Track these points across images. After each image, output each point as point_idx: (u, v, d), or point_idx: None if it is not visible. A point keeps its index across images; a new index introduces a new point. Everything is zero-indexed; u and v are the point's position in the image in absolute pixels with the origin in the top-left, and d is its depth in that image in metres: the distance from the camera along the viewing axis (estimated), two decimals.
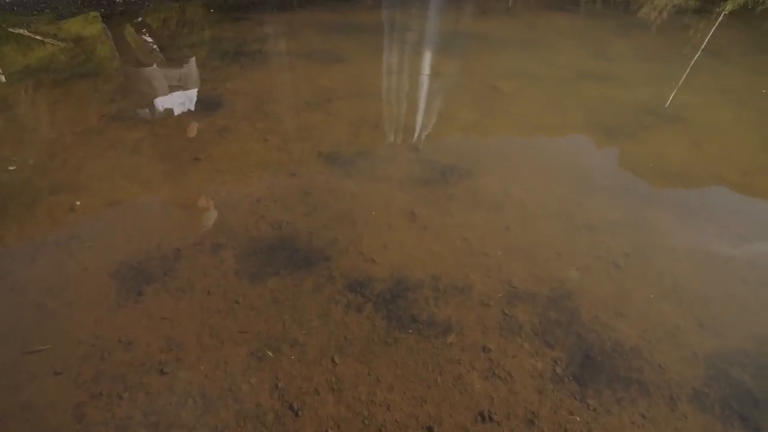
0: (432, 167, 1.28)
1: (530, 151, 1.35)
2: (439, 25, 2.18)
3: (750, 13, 2.62)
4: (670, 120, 1.54)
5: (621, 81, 1.77)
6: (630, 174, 1.29)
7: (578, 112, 1.53)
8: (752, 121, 1.58)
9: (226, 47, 1.97)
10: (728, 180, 1.29)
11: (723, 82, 1.79)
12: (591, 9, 2.33)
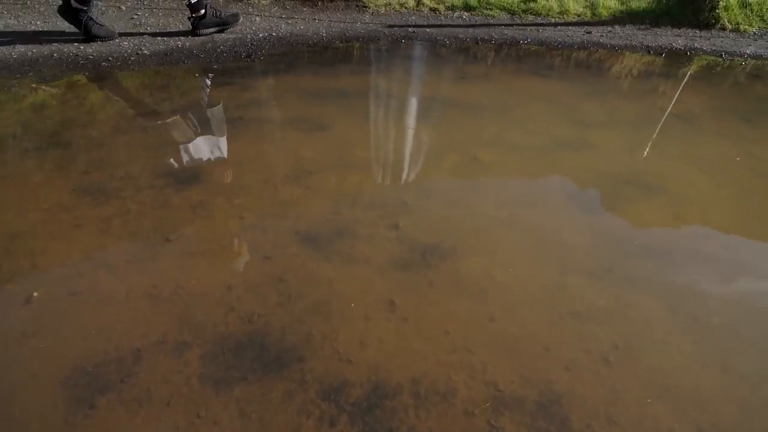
0: (413, 247, 1.25)
1: (512, 228, 1.33)
2: (420, 90, 2.23)
3: (711, 73, 2.75)
4: (650, 191, 1.54)
5: (598, 149, 1.79)
6: (613, 252, 1.26)
7: (558, 184, 1.53)
8: (729, 191, 1.59)
9: (206, 115, 1.97)
10: (712, 256, 1.28)
11: (697, 149, 1.83)
12: (564, 73, 2.42)
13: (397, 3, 3.49)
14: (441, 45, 2.96)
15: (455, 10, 3.47)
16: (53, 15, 3.35)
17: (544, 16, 3.49)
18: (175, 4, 3.48)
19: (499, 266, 1.19)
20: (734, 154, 1.80)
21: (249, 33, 3.03)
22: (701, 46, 3.24)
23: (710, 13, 3.59)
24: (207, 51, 2.73)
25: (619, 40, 3.23)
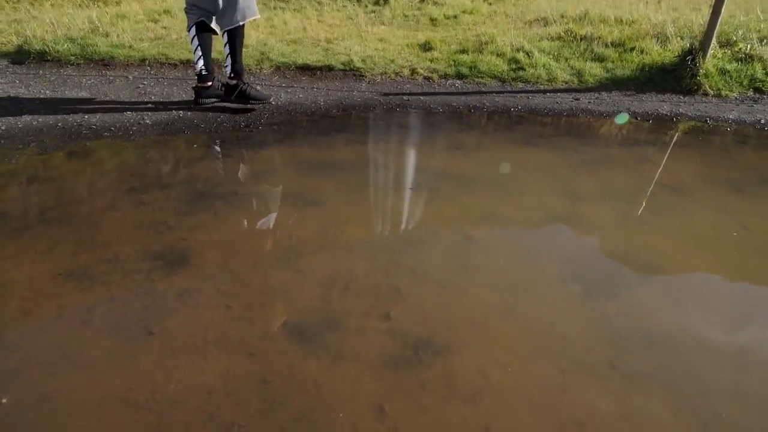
0: (404, 341, 1.20)
1: (507, 318, 1.28)
2: (414, 162, 2.26)
3: (698, 140, 2.81)
4: (647, 272, 1.51)
5: (592, 225, 1.79)
6: (614, 346, 1.21)
7: (552, 266, 1.50)
8: (729, 272, 1.57)
9: (202, 188, 1.98)
10: (716, 349, 1.23)
11: (692, 224, 1.82)
12: (555, 142, 2.47)
13: (392, 72, 3.65)
14: (435, 113, 3.05)
15: (448, 78, 3.62)
16: (62, 84, 3.49)
17: (533, 83, 3.64)
18: (180, 73, 3.64)
19: (495, 364, 1.14)
20: (730, 228, 1.79)
21: (248, 102, 3.13)
22: (686, 111, 3.35)
23: (692, 80, 3.75)
24: (207, 121, 2.81)
25: (607, 106, 3.34)
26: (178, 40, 4.19)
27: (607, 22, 5.42)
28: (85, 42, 3.97)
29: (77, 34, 4.18)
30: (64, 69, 3.76)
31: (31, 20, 5.97)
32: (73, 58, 3.84)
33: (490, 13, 6.53)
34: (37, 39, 4.08)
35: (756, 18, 5.27)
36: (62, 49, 3.89)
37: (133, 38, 4.20)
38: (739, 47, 4.30)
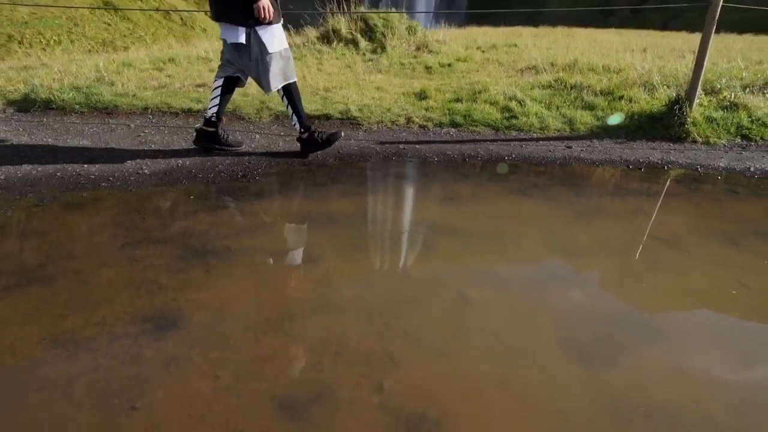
0: (397, 417, 1.15)
1: (503, 389, 1.24)
2: (409, 216, 2.27)
3: (690, 189, 2.84)
4: (646, 336, 1.48)
5: (588, 282, 1.77)
6: (615, 421, 1.17)
7: (550, 329, 1.47)
8: (729, 334, 1.54)
9: (196, 244, 1.97)
10: (720, 423, 1.18)
11: (689, 281, 1.81)
12: (549, 193, 2.49)
13: (389, 120, 3.74)
14: (430, 162, 3.10)
15: (443, 126, 3.71)
16: (65, 132, 3.56)
17: (526, 131, 3.72)
18: (181, 122, 3.72)
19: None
20: (728, 285, 1.78)
21: (248, 150, 3.19)
22: (677, 159, 3.41)
23: (680, 128, 3.85)
24: (205, 170, 2.85)
25: (599, 154, 3.41)
26: (181, 89, 4.32)
27: (595, 71, 5.63)
28: (90, 91, 4.09)
29: (83, 83, 4.31)
30: (67, 117, 3.85)
31: (40, 68, 6.18)
32: (78, 107, 3.94)
33: (483, 61, 6.79)
34: (44, 88, 4.20)
35: (737, 66, 5.49)
36: (67, 97, 4.00)
37: (137, 87, 4.33)
38: (723, 95, 4.44)
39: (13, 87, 4.50)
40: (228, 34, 2.73)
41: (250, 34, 2.69)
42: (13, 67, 6.74)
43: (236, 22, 2.67)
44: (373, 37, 7.72)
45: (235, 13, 2.64)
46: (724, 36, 16.79)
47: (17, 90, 4.42)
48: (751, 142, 3.89)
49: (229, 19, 2.68)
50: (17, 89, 4.45)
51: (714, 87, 4.84)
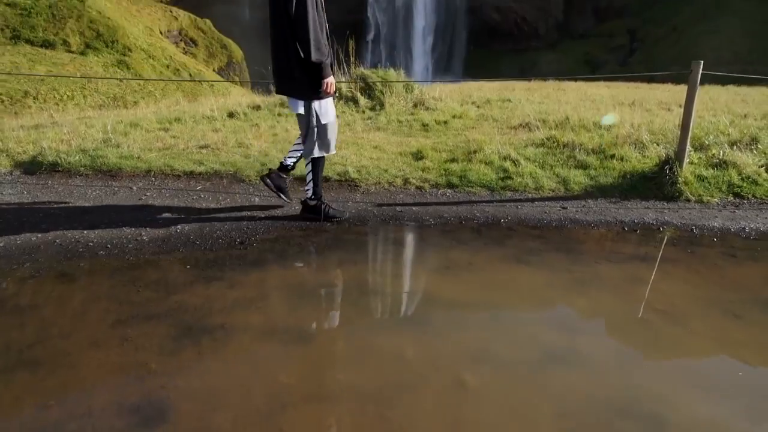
0: None
1: None
2: (405, 287, 2.26)
3: (687, 253, 2.84)
4: (650, 426, 1.43)
5: (588, 364, 1.73)
6: None
7: (548, 417, 1.42)
8: (738, 420, 1.48)
9: (189, 320, 1.95)
10: None
11: (692, 361, 1.77)
12: (545, 259, 2.50)
13: (386, 182, 3.82)
14: (427, 225, 3.13)
15: (439, 187, 3.78)
16: (68, 195, 3.63)
17: (521, 191, 3.79)
18: (182, 184, 3.80)
19: None
20: (734, 367, 1.74)
21: (246, 215, 3.23)
22: (671, 219, 3.44)
23: (672, 187, 3.91)
24: (203, 237, 2.87)
25: (594, 215, 3.45)
26: (185, 150, 4.45)
27: (586, 128, 5.82)
28: (97, 153, 4.21)
29: (90, 145, 4.45)
30: (72, 179, 3.93)
31: (50, 127, 6.40)
32: (83, 169, 4.04)
33: (478, 118, 7.04)
34: (52, 150, 4.33)
35: (724, 123, 5.67)
36: (73, 160, 4.11)
37: (142, 148, 4.46)
38: (712, 152, 4.56)
39: (22, 149, 4.64)
40: (297, 107, 2.90)
41: (308, 106, 2.86)
42: (24, 126, 6.99)
43: (296, 95, 2.86)
44: (372, 95, 8.05)
45: (295, 87, 2.83)
46: (709, 88, 17.53)
47: (26, 151, 4.56)
48: (744, 200, 3.95)
49: (291, 92, 2.88)
50: (26, 151, 4.59)
51: (702, 143, 4.98)
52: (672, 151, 4.16)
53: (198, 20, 26.67)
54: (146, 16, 25.40)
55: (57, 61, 19.56)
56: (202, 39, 25.89)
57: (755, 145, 4.96)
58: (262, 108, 7.50)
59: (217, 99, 13.73)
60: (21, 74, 14.38)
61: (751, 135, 5.21)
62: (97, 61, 20.07)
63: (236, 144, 4.61)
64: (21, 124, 7.55)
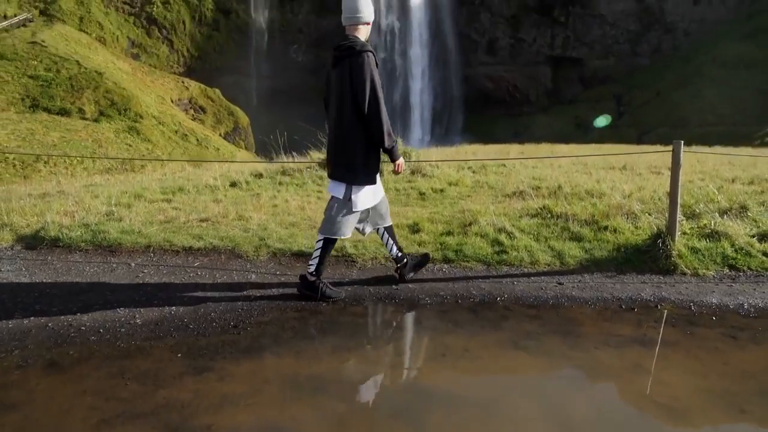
0: None
1: None
2: (399, 377, 2.21)
3: (686, 335, 2.79)
4: None
5: None
6: None
7: None
8: None
9: (176, 420, 1.89)
10: None
11: None
12: (543, 345, 2.47)
13: (382, 256, 3.85)
14: (423, 305, 3.11)
15: (435, 262, 3.80)
16: (66, 272, 3.64)
17: (517, 266, 3.81)
18: (181, 260, 3.83)
19: None
20: None
21: (241, 294, 3.23)
22: (668, 295, 3.43)
23: (667, 260, 3.94)
24: (197, 319, 2.85)
25: (591, 291, 3.44)
26: (186, 223, 4.53)
27: (579, 196, 5.98)
28: (98, 228, 4.29)
29: (93, 219, 4.54)
30: (71, 255, 3.97)
31: (56, 196, 6.57)
32: (83, 245, 4.09)
33: (473, 185, 7.24)
34: (55, 224, 4.41)
35: (712, 191, 5.81)
36: (75, 235, 4.17)
37: (143, 221, 4.55)
38: (704, 222, 4.64)
39: (25, 221, 4.74)
40: (335, 190, 3.01)
41: (349, 190, 2.95)
42: (31, 194, 7.18)
43: (353, 180, 2.95)
44: None
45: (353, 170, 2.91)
46: (697, 149, 18.20)
47: (29, 225, 4.64)
48: (740, 273, 3.95)
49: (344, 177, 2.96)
50: (29, 224, 4.67)
51: (693, 211, 5.09)
52: (663, 223, 4.24)
53: (208, 89, 28.37)
54: (159, 86, 27.08)
55: (71, 127, 20.49)
56: (210, 106, 27.38)
57: (745, 213, 5.06)
58: (264, 176, 7.74)
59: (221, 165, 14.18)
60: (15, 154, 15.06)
61: (741, 203, 5.33)
62: (109, 128, 21.03)
63: (236, 217, 4.71)
64: (29, 191, 7.76)
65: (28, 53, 23.43)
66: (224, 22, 36.54)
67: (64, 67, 22.79)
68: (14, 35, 25.64)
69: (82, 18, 30.38)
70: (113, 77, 24.04)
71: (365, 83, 2.70)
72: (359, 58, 2.71)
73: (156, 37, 33.51)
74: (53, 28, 27.42)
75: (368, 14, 2.83)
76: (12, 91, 21.17)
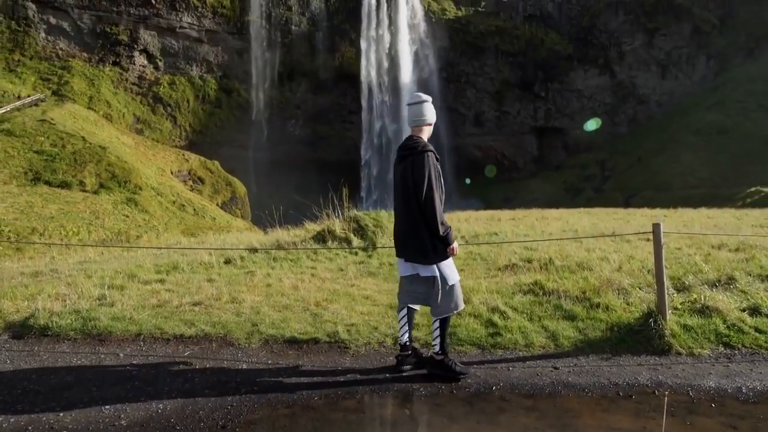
0: None
1: None
2: None
3: (686, 425, 2.74)
4: None
5: None
6: None
7: None
8: None
9: None
10: None
11: None
12: None
13: (376, 342, 3.82)
14: (418, 397, 3.05)
15: (429, 347, 3.77)
16: (53, 363, 3.55)
17: (512, 349, 3.78)
18: (171, 350, 3.76)
19: None
20: None
21: (232, 387, 3.15)
22: (665, 379, 3.38)
23: (661, 340, 3.93)
24: (185, 418, 2.75)
25: (587, 377, 3.39)
26: (178, 307, 4.51)
27: (569, 268, 6.07)
28: (89, 315, 4.25)
29: (84, 306, 4.51)
30: (59, 345, 3.90)
31: (48, 276, 6.54)
32: (72, 333, 4.03)
33: (466, 257, 7.34)
34: (46, 312, 4.37)
35: (699, 264, 5.92)
36: (65, 323, 4.12)
37: (135, 306, 4.52)
38: (694, 297, 4.69)
39: (15, 307, 4.69)
40: (414, 269, 3.20)
41: (433, 270, 3.16)
42: (24, 272, 7.14)
43: (423, 260, 3.14)
44: (364, 236, 8.51)
45: (423, 252, 3.12)
46: (683, 212, 18.68)
47: (19, 310, 4.59)
48: (735, 351, 3.93)
49: (416, 258, 3.16)
50: (19, 309, 4.62)
51: (683, 283, 5.17)
52: (654, 300, 4.29)
53: (207, 161, 29.40)
54: (161, 158, 28.07)
55: (70, 199, 20.80)
56: (209, 177, 28.20)
57: (734, 284, 5.14)
58: (258, 251, 7.82)
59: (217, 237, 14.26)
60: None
61: (728, 274, 5.43)
62: (108, 199, 21.38)
63: (229, 299, 4.70)
64: (21, 268, 7.72)
65: (36, 130, 24.45)
66: (226, 100, 38.84)
67: (69, 143, 23.68)
68: (25, 114, 26.94)
69: (91, 97, 32.20)
70: (116, 151, 24.91)
71: (424, 178, 3.05)
72: (421, 157, 3.09)
73: (160, 114, 35.35)
74: (63, 107, 28.89)
75: (431, 116, 3.26)
76: (16, 165, 21.78)
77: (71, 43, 34.23)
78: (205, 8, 38.15)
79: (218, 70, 38.44)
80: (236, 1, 39.21)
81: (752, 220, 13.20)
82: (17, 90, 29.68)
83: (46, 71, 32.47)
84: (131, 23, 35.66)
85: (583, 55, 46.90)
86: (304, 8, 40.91)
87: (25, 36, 33.39)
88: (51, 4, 33.86)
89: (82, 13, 34.70)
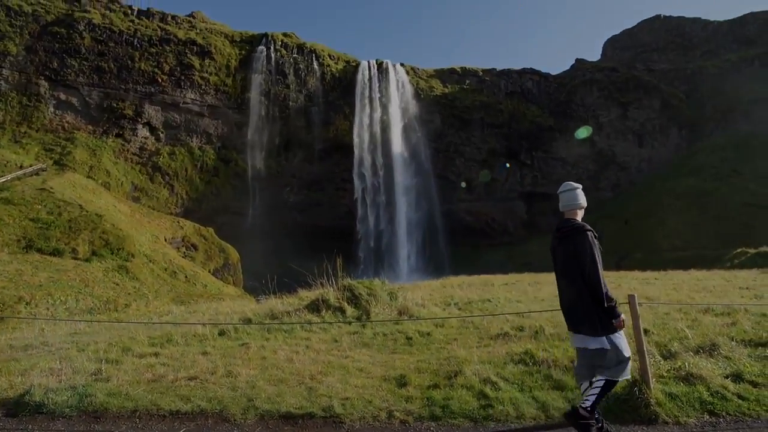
0: None
1: None
2: None
3: None
4: None
5: None
6: None
7: None
8: None
9: None
10: None
11: None
12: None
13: (370, 416, 3.88)
14: None
15: (423, 420, 3.84)
16: None
17: (503, 421, 3.85)
18: (167, 426, 3.78)
19: None
20: None
21: None
22: None
23: (647, 409, 4.04)
24: None
25: None
26: (174, 382, 4.55)
27: (559, 336, 6.21)
28: (85, 391, 4.27)
29: (80, 380, 4.53)
30: (54, 423, 3.89)
31: (40, 349, 6.51)
32: (68, 410, 4.03)
33: (459, 326, 7.44)
34: (41, 388, 4.38)
35: (683, 331, 6.11)
36: (60, 400, 4.13)
37: (130, 381, 4.55)
38: (679, 364, 4.84)
39: (9, 382, 4.68)
40: (584, 342, 3.41)
41: (610, 341, 3.38)
42: (14, 345, 7.07)
43: (593, 333, 3.37)
44: (358, 305, 8.61)
45: (591, 325, 3.37)
46: (673, 274, 18.91)
47: (13, 386, 4.58)
48: (719, 419, 4.03)
49: (585, 331, 3.39)
50: (13, 385, 4.61)
51: (669, 350, 5.32)
52: (637, 371, 4.43)
53: (201, 228, 29.71)
54: (155, 226, 28.33)
55: (61, 267, 20.65)
56: (202, 244, 28.31)
57: (717, 351, 5.31)
58: (252, 321, 7.87)
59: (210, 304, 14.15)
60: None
61: (711, 341, 5.61)
62: (99, 267, 21.25)
63: (225, 373, 4.75)
64: (10, 342, 7.62)
65: (34, 198, 24.83)
66: (223, 169, 40.19)
67: (66, 210, 24.00)
68: (25, 183, 27.51)
69: (92, 167, 33.18)
70: (112, 219, 25.19)
71: (587, 257, 3.38)
72: (583, 236, 3.44)
73: (158, 182, 36.30)
74: (63, 176, 29.62)
75: (583, 201, 3.67)
76: (10, 233, 21.82)
77: (78, 117, 35.99)
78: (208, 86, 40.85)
79: (217, 141, 40.26)
80: (238, 80, 42.13)
81: (741, 282, 13.52)
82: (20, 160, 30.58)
83: (50, 142, 33.74)
84: (137, 99, 37.84)
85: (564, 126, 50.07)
86: (302, 86, 43.99)
87: (34, 110, 35.12)
88: (63, 81, 36.06)
89: (92, 90, 36.88)
